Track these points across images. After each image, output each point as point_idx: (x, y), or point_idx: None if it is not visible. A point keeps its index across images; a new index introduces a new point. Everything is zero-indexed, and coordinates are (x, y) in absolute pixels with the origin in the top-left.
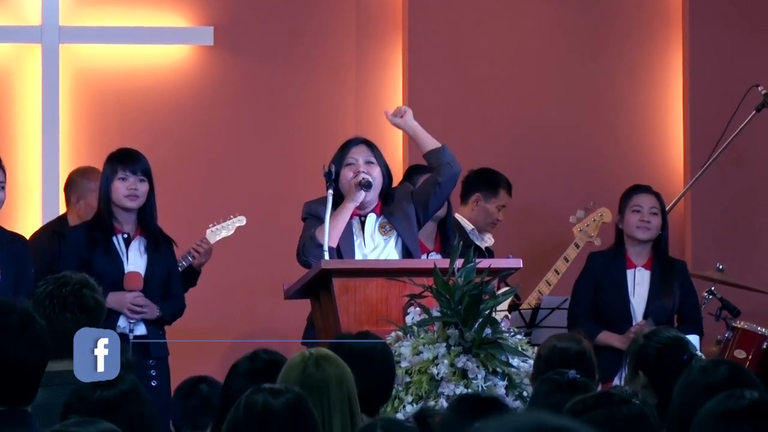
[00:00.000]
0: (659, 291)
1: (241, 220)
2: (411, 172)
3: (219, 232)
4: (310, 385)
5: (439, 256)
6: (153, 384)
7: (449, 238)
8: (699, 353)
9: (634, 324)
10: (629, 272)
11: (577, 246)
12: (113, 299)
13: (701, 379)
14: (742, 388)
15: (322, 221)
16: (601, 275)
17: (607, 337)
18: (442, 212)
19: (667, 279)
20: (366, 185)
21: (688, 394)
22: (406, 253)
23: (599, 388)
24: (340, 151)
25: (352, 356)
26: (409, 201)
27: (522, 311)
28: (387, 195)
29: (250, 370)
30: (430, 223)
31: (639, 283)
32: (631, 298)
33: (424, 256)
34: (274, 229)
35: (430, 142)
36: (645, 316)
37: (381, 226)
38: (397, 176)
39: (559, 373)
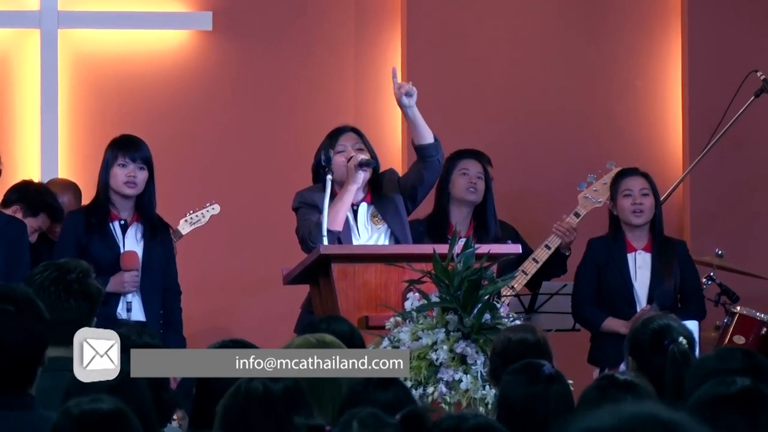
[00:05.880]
0: (661, 273)
1: (215, 209)
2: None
3: (193, 222)
4: None
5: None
6: None
7: (489, 227)
8: (696, 339)
9: (638, 308)
10: (630, 256)
11: (577, 215)
12: (113, 282)
13: (718, 366)
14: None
15: (317, 209)
16: (603, 260)
17: (612, 324)
18: (477, 198)
19: (667, 260)
20: (365, 164)
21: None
22: (397, 244)
23: (595, 374)
24: (328, 139)
25: None
26: (396, 190)
27: (521, 296)
28: (376, 182)
29: None
30: (464, 209)
31: (641, 267)
32: (633, 282)
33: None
34: (274, 214)
35: (427, 134)
36: (650, 301)
37: (373, 216)
38: (396, 161)
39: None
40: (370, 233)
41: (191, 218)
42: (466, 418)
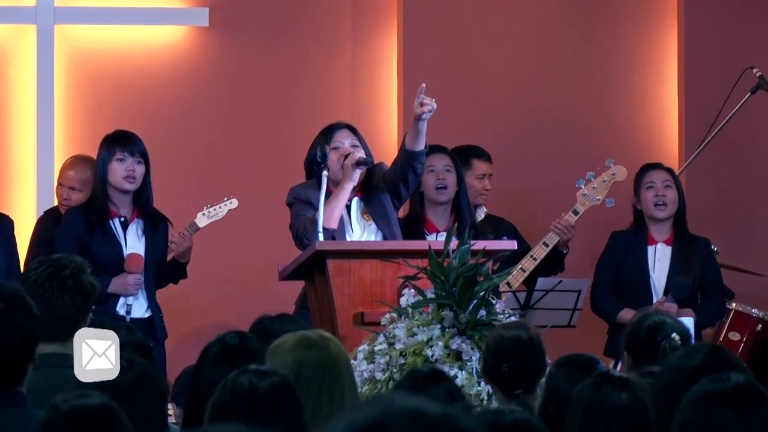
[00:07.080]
0: (680, 267)
1: (233, 203)
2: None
3: (210, 216)
4: (329, 363)
5: (453, 237)
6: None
7: (464, 216)
8: (692, 335)
9: (654, 300)
10: (650, 248)
11: (576, 212)
12: (116, 284)
13: (682, 364)
14: (725, 370)
15: (311, 205)
16: (623, 253)
17: (627, 315)
18: (447, 197)
19: (688, 255)
20: (364, 162)
21: (671, 378)
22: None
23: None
24: (322, 136)
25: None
26: (383, 189)
27: (516, 293)
28: (367, 178)
29: (219, 353)
30: (439, 208)
31: (660, 259)
32: (651, 273)
33: (433, 237)
34: (270, 211)
35: (423, 143)
36: (666, 293)
37: (363, 212)
38: (391, 159)
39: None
40: (362, 230)
41: (209, 212)
42: (503, 413)
